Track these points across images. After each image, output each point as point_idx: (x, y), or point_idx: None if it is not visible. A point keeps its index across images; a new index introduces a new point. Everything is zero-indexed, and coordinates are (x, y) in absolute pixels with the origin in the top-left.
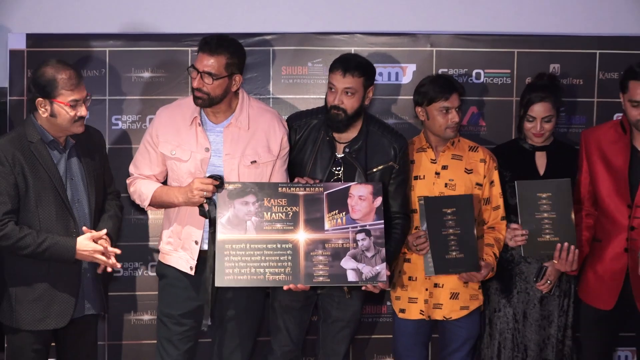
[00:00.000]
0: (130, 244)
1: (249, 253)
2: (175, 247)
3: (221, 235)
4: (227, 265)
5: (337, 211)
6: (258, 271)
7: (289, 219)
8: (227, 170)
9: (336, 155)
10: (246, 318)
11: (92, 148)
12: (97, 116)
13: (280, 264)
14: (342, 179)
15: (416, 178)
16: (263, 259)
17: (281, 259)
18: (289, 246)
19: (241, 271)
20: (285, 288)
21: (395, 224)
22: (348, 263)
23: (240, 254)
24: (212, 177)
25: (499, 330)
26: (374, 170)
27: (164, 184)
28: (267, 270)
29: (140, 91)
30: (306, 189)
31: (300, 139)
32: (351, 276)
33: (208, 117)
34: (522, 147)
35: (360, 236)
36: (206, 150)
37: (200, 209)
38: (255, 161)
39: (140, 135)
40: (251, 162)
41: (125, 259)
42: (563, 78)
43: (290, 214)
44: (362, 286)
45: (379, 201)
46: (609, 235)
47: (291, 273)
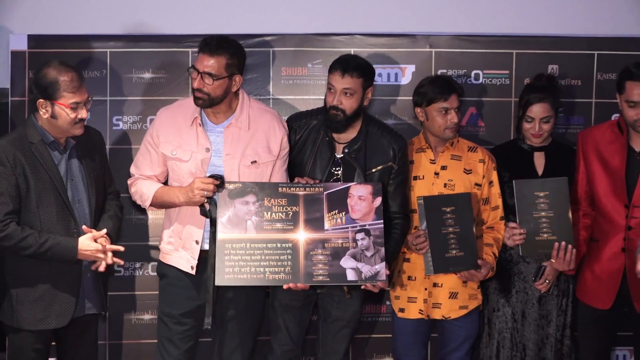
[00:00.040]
0: (131, 243)
1: (249, 252)
2: (176, 247)
3: (221, 235)
4: (227, 264)
5: (337, 211)
6: (258, 270)
7: (289, 218)
8: (228, 170)
9: (335, 156)
10: (246, 318)
11: (92, 148)
12: (98, 117)
13: (280, 263)
14: (342, 179)
15: (415, 178)
16: (263, 258)
17: (281, 258)
18: (289, 245)
19: (241, 270)
20: (285, 287)
21: (395, 224)
22: (347, 262)
23: (241, 253)
24: (213, 177)
25: (498, 330)
26: (373, 170)
27: (165, 184)
28: (267, 269)
29: (141, 92)
30: (306, 189)
31: (300, 139)
32: (350, 275)
33: (208, 118)
34: (521, 148)
35: (360, 236)
36: (207, 150)
37: (201, 209)
38: (255, 161)
39: (141, 135)
40: (251, 162)
41: (126, 258)
42: (561, 79)
43: (290, 213)
44: (362, 285)
45: (378, 201)
46: (606, 235)
47: (291, 272)
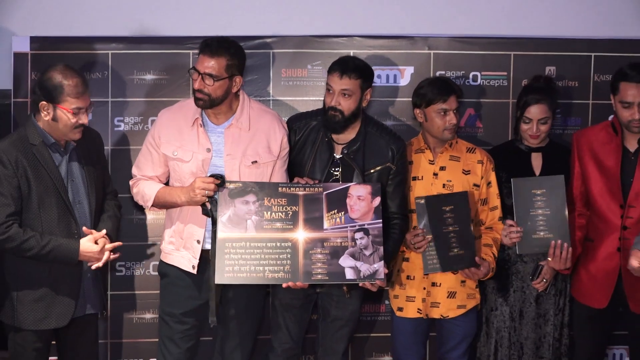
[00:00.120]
0: (132, 243)
1: (248, 251)
2: (178, 247)
3: (222, 234)
4: (227, 263)
5: (336, 211)
6: (258, 269)
7: (289, 218)
8: (229, 170)
9: (334, 156)
10: (247, 317)
11: (92, 149)
12: (100, 118)
13: (280, 262)
14: (341, 179)
15: (414, 179)
16: (263, 257)
17: (280, 257)
18: (289, 245)
19: (241, 269)
20: (285, 286)
21: (394, 224)
22: (346, 261)
23: (240, 252)
24: (214, 176)
25: (496, 329)
26: (372, 171)
27: (166, 184)
28: (267, 268)
29: (143, 93)
30: (306, 189)
31: (299, 139)
32: (349, 274)
33: (209, 118)
34: (518, 149)
35: (359, 235)
36: (207, 150)
37: (202, 208)
38: (256, 161)
39: (143, 136)
40: (252, 162)
41: (127, 258)
42: (559, 80)
43: (290, 213)
44: (360, 284)
45: (377, 201)
46: (601, 235)
47: (290, 271)
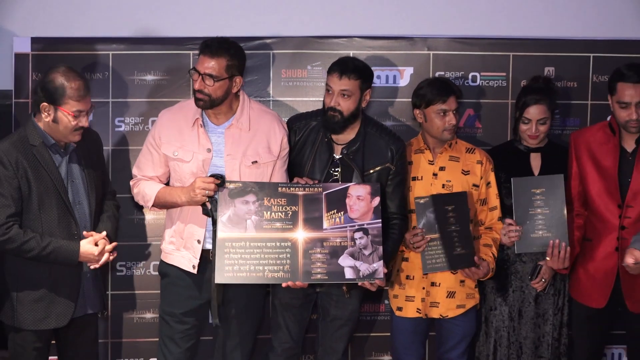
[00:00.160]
0: (133, 243)
1: (248, 251)
2: (178, 247)
3: (221, 234)
4: (227, 262)
5: (336, 210)
6: (257, 269)
7: (288, 218)
8: (229, 170)
9: (334, 157)
10: (247, 317)
11: (92, 150)
12: (101, 118)
13: (279, 261)
14: (340, 179)
15: (414, 179)
16: (262, 256)
17: (280, 256)
18: (288, 244)
19: (241, 268)
20: (284, 285)
21: (393, 225)
22: (346, 261)
23: (240, 251)
24: (214, 176)
25: (495, 328)
26: (371, 171)
27: (167, 184)
28: (266, 267)
29: (143, 94)
30: (305, 189)
31: (299, 140)
32: (349, 274)
33: (209, 119)
34: (517, 149)
35: (358, 235)
36: (208, 150)
37: (203, 208)
38: (256, 161)
39: (143, 137)
40: (252, 163)
41: (127, 258)
42: (557, 81)
43: (290, 213)
44: (359, 283)
45: (376, 201)
46: (599, 234)
47: (290, 270)
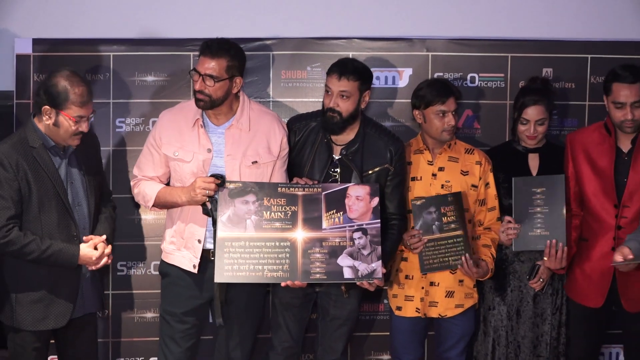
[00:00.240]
0: (133, 243)
1: (248, 250)
2: (179, 247)
3: (221, 233)
4: (227, 262)
5: (335, 211)
6: (257, 268)
7: (288, 218)
8: (229, 170)
9: (333, 157)
10: (247, 316)
11: (90, 151)
12: (102, 119)
13: (279, 261)
14: (339, 180)
15: (413, 179)
16: (262, 256)
17: (279, 256)
18: (287, 244)
19: (240, 268)
20: (283, 285)
21: (392, 225)
22: (344, 261)
23: (240, 251)
24: (214, 176)
25: (493, 328)
26: (370, 172)
27: (167, 185)
28: (266, 267)
29: (144, 95)
30: (305, 189)
31: (299, 140)
32: (347, 273)
33: (210, 119)
34: (516, 149)
35: (357, 235)
36: (208, 151)
37: (203, 208)
38: (256, 162)
39: (144, 137)
40: (252, 163)
41: (128, 258)
42: (555, 82)
43: (289, 213)
44: (358, 283)
45: (375, 201)
46: (595, 234)
47: (289, 270)
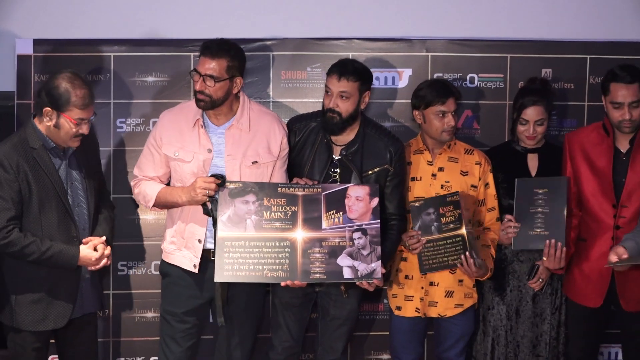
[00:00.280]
0: (134, 243)
1: (248, 250)
2: (179, 246)
3: (221, 233)
4: (227, 261)
5: (335, 211)
6: (256, 267)
7: (288, 218)
8: (229, 170)
9: (333, 157)
10: (247, 316)
11: (89, 151)
12: (102, 119)
13: (278, 261)
14: (339, 180)
15: (413, 179)
16: (262, 256)
17: (279, 256)
18: (287, 244)
19: (240, 267)
20: (283, 284)
21: (391, 225)
22: (344, 261)
23: (240, 250)
24: (214, 176)
25: (493, 327)
26: (370, 172)
27: (167, 185)
28: (266, 267)
29: (144, 95)
30: (305, 190)
31: (299, 141)
32: (347, 273)
33: (210, 120)
34: (515, 149)
35: (357, 235)
36: (208, 151)
37: (203, 208)
38: (256, 162)
39: (144, 138)
40: (252, 163)
41: (128, 258)
42: (555, 82)
43: (289, 213)
44: (358, 283)
45: (375, 202)
46: (594, 234)
47: (288, 270)
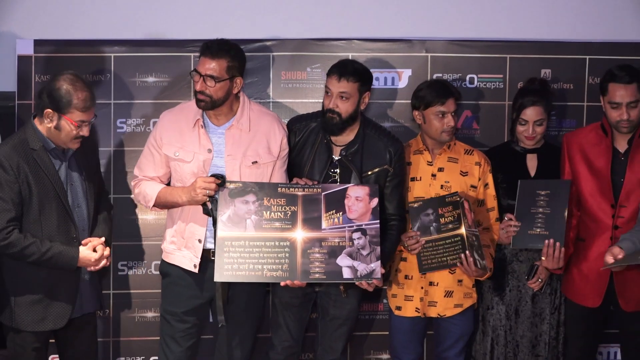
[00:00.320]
0: (134, 243)
1: (247, 250)
2: (179, 246)
3: (221, 233)
4: (227, 261)
5: (334, 211)
6: (256, 267)
7: (288, 218)
8: (229, 170)
9: (333, 158)
10: (247, 316)
11: (88, 152)
12: (103, 120)
13: (278, 260)
14: (339, 180)
15: (413, 179)
16: (261, 255)
17: (279, 256)
18: (287, 244)
19: (240, 267)
20: (282, 284)
21: (391, 226)
22: (344, 261)
23: (240, 250)
24: (214, 176)
25: (492, 327)
26: (369, 173)
27: (168, 185)
28: (265, 266)
29: (145, 95)
30: (305, 190)
31: (299, 141)
32: (346, 273)
33: (210, 120)
34: (514, 150)
35: (356, 235)
36: (209, 151)
37: (203, 208)
38: (256, 162)
39: (145, 138)
40: (252, 163)
41: (129, 258)
42: (554, 83)
43: (289, 213)
44: (357, 283)
45: (375, 202)
46: (592, 234)
47: (288, 270)
